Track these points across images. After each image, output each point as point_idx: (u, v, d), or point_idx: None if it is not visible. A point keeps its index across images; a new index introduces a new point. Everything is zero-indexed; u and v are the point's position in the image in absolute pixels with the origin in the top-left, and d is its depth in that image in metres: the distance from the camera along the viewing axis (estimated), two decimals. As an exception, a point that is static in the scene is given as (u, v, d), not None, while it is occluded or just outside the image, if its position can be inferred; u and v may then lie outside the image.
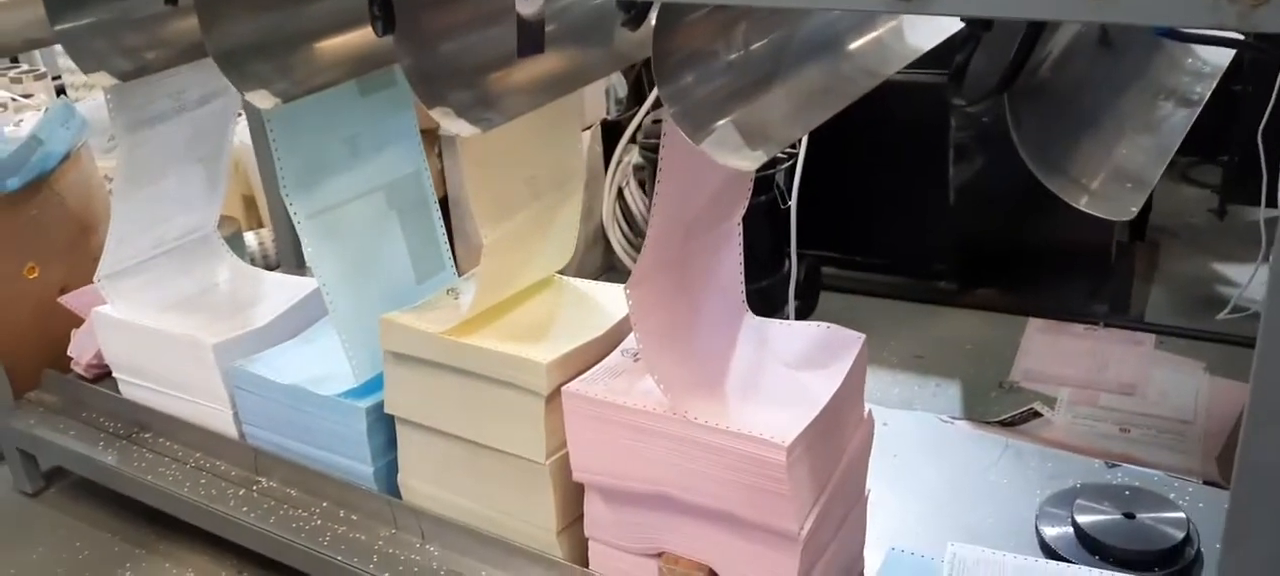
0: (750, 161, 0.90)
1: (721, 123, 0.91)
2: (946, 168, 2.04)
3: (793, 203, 1.87)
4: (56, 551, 1.66)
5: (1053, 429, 1.74)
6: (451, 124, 1.05)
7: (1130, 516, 1.22)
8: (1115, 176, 0.84)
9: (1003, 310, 2.13)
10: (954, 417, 1.72)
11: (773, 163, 1.85)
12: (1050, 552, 1.22)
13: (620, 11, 0.93)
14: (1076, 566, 1.14)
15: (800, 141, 1.86)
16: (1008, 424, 1.75)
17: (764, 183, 1.86)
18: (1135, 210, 0.83)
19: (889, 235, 2.22)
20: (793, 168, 1.93)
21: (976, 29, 0.76)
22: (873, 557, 1.25)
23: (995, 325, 2.12)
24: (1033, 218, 2.02)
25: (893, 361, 2.02)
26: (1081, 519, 1.22)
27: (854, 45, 1.06)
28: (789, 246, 1.92)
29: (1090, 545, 1.20)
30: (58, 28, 1.33)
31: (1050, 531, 1.25)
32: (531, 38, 1.08)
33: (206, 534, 1.54)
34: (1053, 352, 1.97)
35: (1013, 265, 2.15)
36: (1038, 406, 1.80)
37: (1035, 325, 2.06)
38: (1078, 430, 1.72)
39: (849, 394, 1.12)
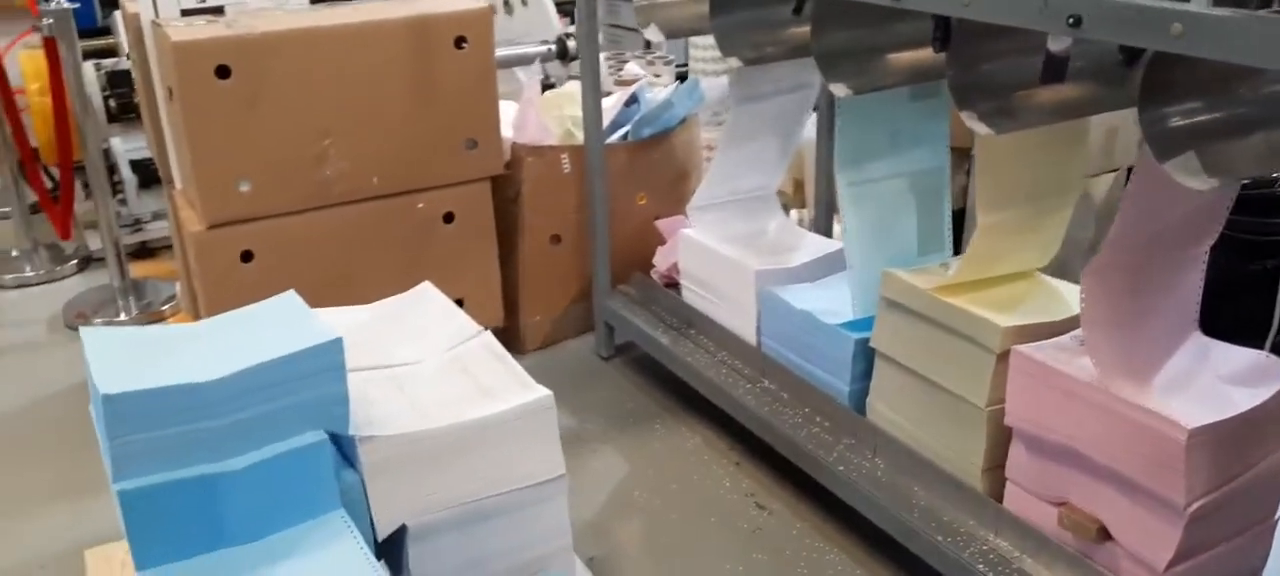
0: (1202, 184, 1.12)
1: (1187, 151, 1.13)
2: None
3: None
4: (612, 401, 2.27)
5: None
6: (975, 125, 1.37)
7: None
8: None
9: None
10: None
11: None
12: None
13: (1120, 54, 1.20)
14: None
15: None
16: None
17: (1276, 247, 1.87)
18: None
19: None
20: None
21: None
22: (1274, 587, 1.35)
23: None
24: None
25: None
26: None
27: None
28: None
29: None
30: (714, 22, 1.88)
31: None
32: (1055, 69, 1.37)
33: (717, 412, 2.03)
34: None
35: None
36: None
37: None
38: None
39: (1273, 415, 1.25)
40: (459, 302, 2.30)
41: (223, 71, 1.91)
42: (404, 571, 1.32)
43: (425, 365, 1.50)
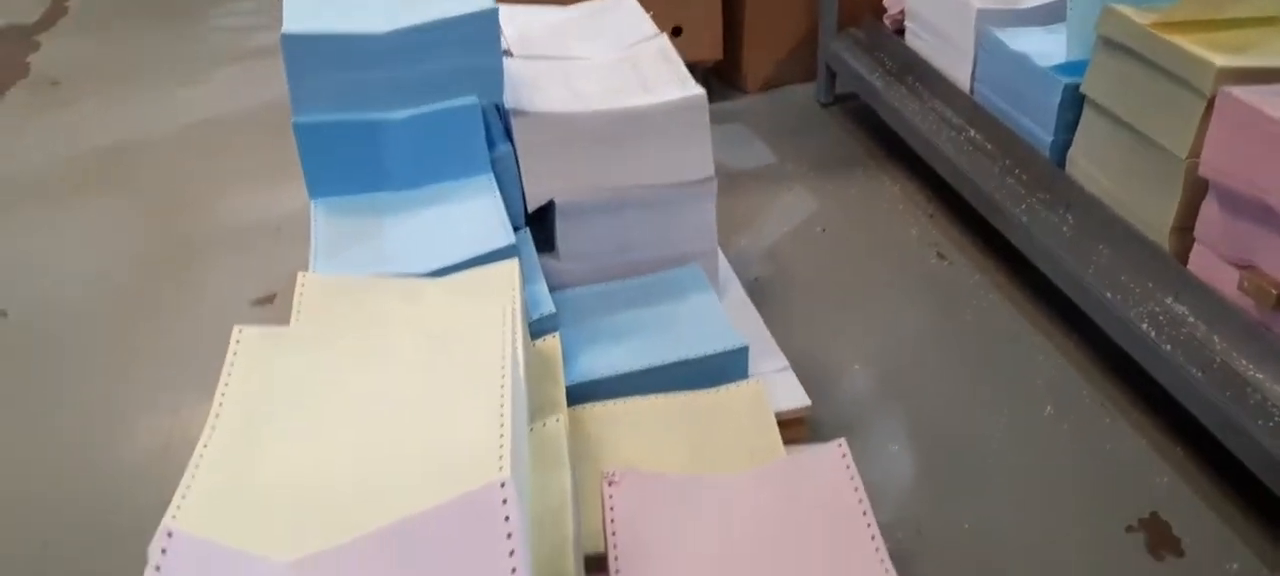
0: None
1: None
2: None
3: None
4: (821, 145, 2.22)
5: None
6: None
7: None
8: None
9: None
10: None
11: None
12: None
13: None
14: None
15: None
16: None
17: None
18: None
19: None
20: None
21: None
22: None
23: None
24: None
25: None
26: None
27: None
28: None
29: None
30: None
31: None
32: None
33: (922, 163, 1.95)
34: None
35: None
36: None
37: None
38: None
39: None
40: (677, 31, 2.32)
41: None
42: (554, 243, 1.42)
43: (599, 60, 1.54)
